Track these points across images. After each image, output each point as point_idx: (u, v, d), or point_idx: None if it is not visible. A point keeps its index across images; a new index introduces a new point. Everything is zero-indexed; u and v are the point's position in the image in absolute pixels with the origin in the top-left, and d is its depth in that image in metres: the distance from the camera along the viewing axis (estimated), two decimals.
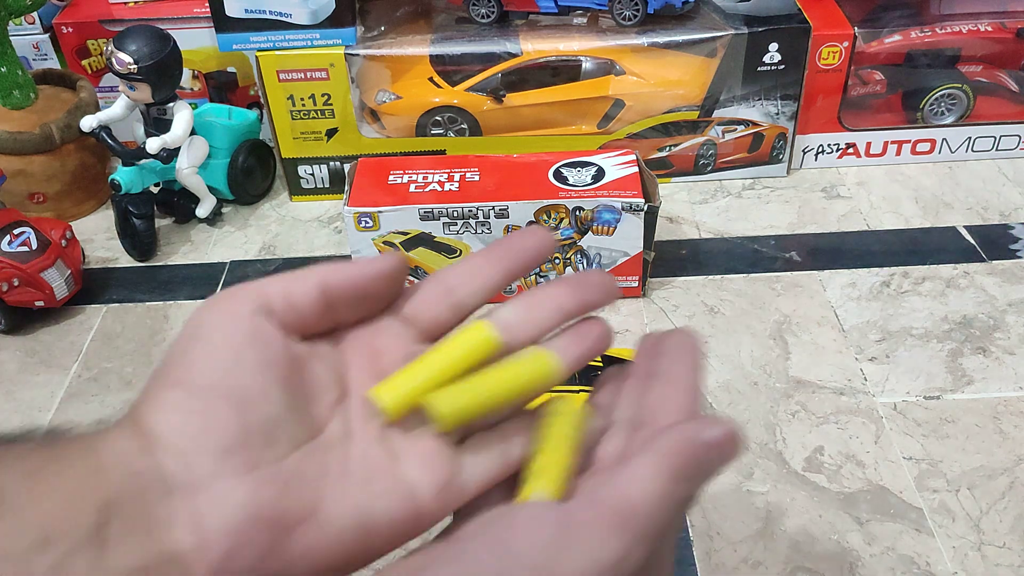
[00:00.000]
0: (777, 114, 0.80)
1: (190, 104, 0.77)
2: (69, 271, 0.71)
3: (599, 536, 0.24)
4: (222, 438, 0.25)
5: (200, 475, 0.24)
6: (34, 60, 0.88)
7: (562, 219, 0.67)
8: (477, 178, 0.69)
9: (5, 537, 0.22)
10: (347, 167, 0.72)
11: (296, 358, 0.27)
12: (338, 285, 0.29)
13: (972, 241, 0.76)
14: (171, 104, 0.74)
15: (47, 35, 0.87)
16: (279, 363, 0.27)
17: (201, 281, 0.75)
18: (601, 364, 0.57)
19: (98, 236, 0.81)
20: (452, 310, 0.30)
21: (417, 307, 0.30)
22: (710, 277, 0.73)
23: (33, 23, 0.87)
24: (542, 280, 0.71)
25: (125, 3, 0.84)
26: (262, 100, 0.79)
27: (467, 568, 0.23)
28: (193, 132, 0.76)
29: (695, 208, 0.81)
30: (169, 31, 0.73)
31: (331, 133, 0.80)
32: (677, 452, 0.25)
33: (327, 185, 0.83)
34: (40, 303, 0.70)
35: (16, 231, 0.70)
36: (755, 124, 0.81)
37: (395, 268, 0.29)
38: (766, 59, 0.77)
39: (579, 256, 0.69)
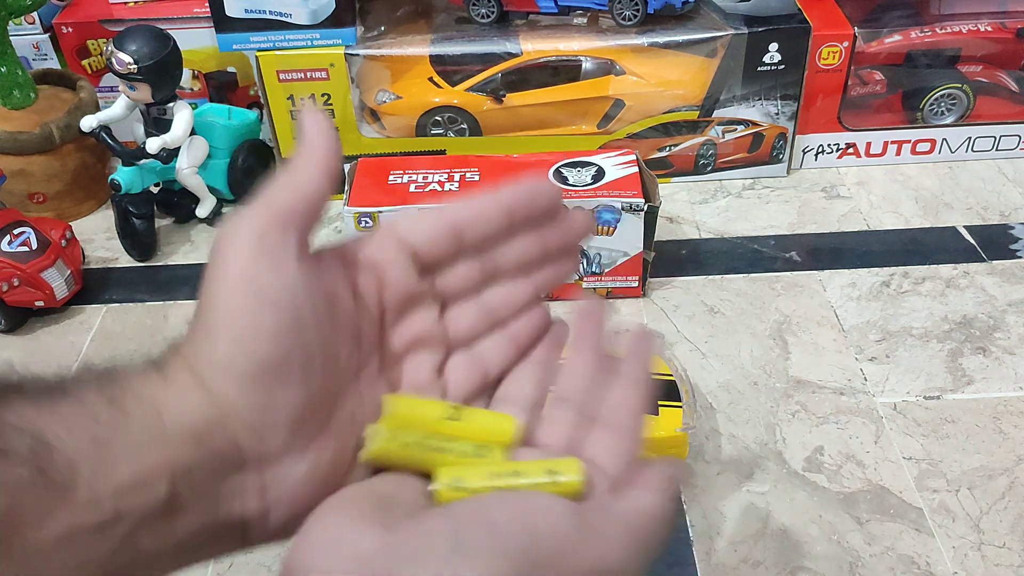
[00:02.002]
0: (777, 114, 0.80)
1: (190, 104, 0.77)
2: (69, 271, 0.71)
3: (614, 541, 0.25)
4: (293, 412, 0.25)
5: (272, 450, 0.25)
6: (34, 60, 0.88)
7: None
8: (477, 178, 0.69)
9: (79, 511, 0.22)
10: (347, 167, 0.72)
11: (329, 294, 0.27)
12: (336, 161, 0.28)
13: (972, 241, 0.76)
14: (171, 104, 0.74)
15: (47, 35, 0.87)
16: (329, 309, 0.26)
17: (201, 281, 0.75)
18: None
19: (98, 236, 0.81)
20: (455, 249, 0.30)
21: (423, 240, 0.29)
22: (710, 277, 0.73)
23: (33, 23, 0.87)
24: None
25: (125, 3, 0.84)
26: (262, 100, 0.79)
27: (497, 531, 0.24)
28: (193, 132, 0.76)
29: (695, 208, 0.81)
30: (169, 31, 0.73)
31: None
32: (671, 479, 0.28)
33: None
34: (40, 303, 0.70)
35: (16, 231, 0.70)
36: (755, 124, 0.81)
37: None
38: (766, 59, 0.77)
39: (579, 256, 0.69)
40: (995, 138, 0.84)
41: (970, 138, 0.84)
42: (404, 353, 0.29)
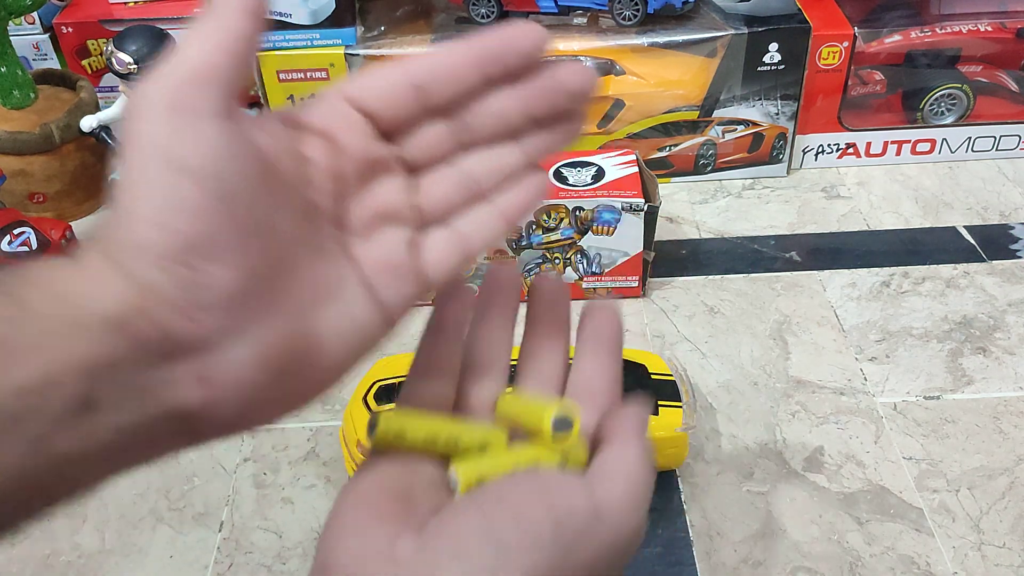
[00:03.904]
0: (777, 114, 0.80)
1: None
2: None
3: (620, 503, 0.26)
4: (226, 290, 0.22)
5: (206, 333, 0.22)
6: (34, 60, 0.88)
7: (562, 219, 0.67)
8: None
9: None
10: None
11: (265, 159, 0.24)
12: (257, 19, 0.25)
13: (972, 241, 0.76)
14: None
15: (47, 35, 0.87)
16: (265, 176, 0.23)
17: None
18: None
19: None
20: (421, 110, 0.27)
21: (380, 99, 0.26)
22: (710, 277, 0.73)
23: (33, 23, 0.87)
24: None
25: (125, 3, 0.84)
26: (262, 100, 0.79)
27: (525, 523, 0.24)
28: None
29: (695, 208, 0.81)
30: (169, 31, 0.73)
31: None
32: (641, 421, 0.29)
33: None
34: None
35: (16, 231, 0.70)
36: (755, 124, 0.81)
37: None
38: (766, 59, 0.77)
39: (579, 256, 0.69)
40: (995, 138, 0.84)
41: (970, 138, 0.84)
42: (371, 227, 0.26)
